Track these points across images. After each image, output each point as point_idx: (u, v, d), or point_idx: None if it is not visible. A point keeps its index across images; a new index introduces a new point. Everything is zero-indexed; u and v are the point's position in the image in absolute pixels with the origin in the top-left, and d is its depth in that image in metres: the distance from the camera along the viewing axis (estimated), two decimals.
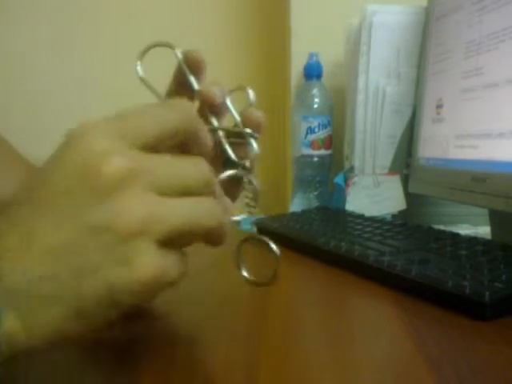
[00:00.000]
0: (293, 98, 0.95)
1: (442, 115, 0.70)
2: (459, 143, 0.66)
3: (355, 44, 0.83)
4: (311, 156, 0.87)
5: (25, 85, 1.10)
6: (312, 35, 0.95)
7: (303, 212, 0.81)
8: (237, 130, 0.34)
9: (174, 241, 0.26)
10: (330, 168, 0.90)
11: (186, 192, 0.27)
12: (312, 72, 0.88)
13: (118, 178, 0.24)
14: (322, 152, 0.87)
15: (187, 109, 0.29)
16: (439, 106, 0.71)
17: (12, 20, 1.08)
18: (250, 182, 0.34)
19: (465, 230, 0.70)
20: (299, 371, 0.32)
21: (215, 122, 0.35)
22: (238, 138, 0.34)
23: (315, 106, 0.87)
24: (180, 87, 0.37)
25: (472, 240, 0.54)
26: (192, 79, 0.36)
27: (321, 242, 0.58)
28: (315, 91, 0.88)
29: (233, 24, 1.12)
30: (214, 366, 0.32)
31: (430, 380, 0.30)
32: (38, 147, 0.84)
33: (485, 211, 0.68)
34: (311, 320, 0.42)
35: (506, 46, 0.58)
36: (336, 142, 0.90)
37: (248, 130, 0.33)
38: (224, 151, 0.34)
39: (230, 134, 0.34)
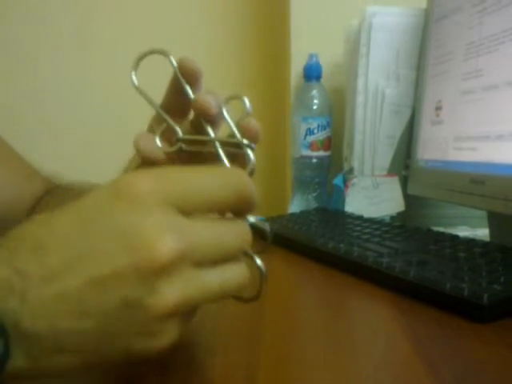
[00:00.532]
0: (292, 98, 0.95)
1: (442, 117, 0.70)
2: (458, 145, 0.66)
3: (355, 45, 0.83)
4: (310, 157, 0.87)
5: (29, 85, 1.10)
6: (312, 36, 0.95)
7: (302, 213, 0.81)
8: (234, 140, 0.33)
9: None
10: (329, 169, 0.90)
11: (223, 259, 0.27)
12: (311, 73, 0.88)
13: (167, 262, 0.23)
14: (321, 153, 0.87)
15: (240, 181, 0.27)
16: (438, 108, 0.71)
17: (16, 20, 1.08)
18: None
19: (463, 232, 0.70)
20: (298, 372, 0.32)
21: (211, 132, 0.35)
22: (234, 148, 0.33)
23: (314, 107, 0.87)
24: (176, 95, 0.37)
25: (470, 242, 0.54)
26: (187, 88, 0.35)
27: (319, 243, 0.58)
28: (315, 92, 0.88)
29: (233, 25, 1.12)
30: (213, 367, 0.32)
31: (428, 381, 0.30)
32: (41, 147, 0.84)
33: (483, 213, 0.68)
34: (310, 321, 0.42)
35: (505, 47, 0.58)
36: (335, 143, 0.90)
37: (245, 141, 0.32)
38: (221, 162, 0.33)
39: (226, 144, 0.34)
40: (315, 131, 0.87)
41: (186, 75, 0.35)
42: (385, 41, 0.80)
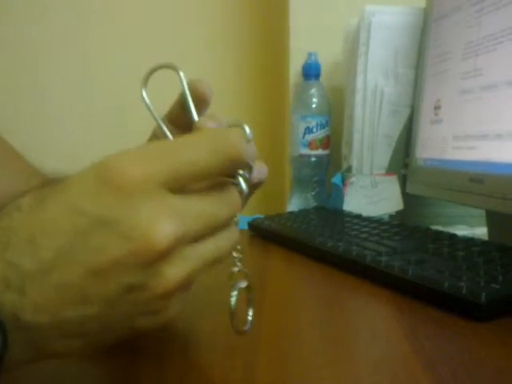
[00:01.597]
0: (291, 97, 0.95)
1: (440, 116, 0.70)
2: (457, 144, 0.66)
3: (354, 44, 0.83)
4: (309, 156, 0.87)
5: (29, 84, 1.10)
6: (311, 35, 0.95)
7: (301, 212, 0.81)
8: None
9: None
10: (328, 168, 0.90)
11: (215, 229, 0.27)
12: (310, 72, 0.88)
13: (165, 247, 0.23)
14: (320, 152, 0.87)
15: (228, 142, 0.26)
16: (437, 107, 0.71)
17: (16, 18, 1.08)
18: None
19: (462, 231, 0.70)
20: (296, 370, 0.32)
21: None
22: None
23: (313, 105, 0.87)
24: (181, 111, 0.36)
25: (469, 241, 0.54)
26: (192, 109, 0.34)
27: (318, 241, 0.58)
28: (313, 91, 0.88)
29: (232, 23, 1.12)
30: (211, 366, 0.32)
31: (426, 380, 0.30)
32: (40, 146, 0.84)
33: (482, 212, 0.68)
34: (308, 320, 0.42)
35: (504, 47, 0.58)
36: (334, 141, 0.90)
37: (240, 172, 0.30)
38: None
39: None
40: (314, 130, 0.87)
41: (195, 96, 0.34)
42: (384, 40, 0.80)
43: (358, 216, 0.72)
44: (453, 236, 0.57)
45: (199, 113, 0.34)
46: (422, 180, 0.74)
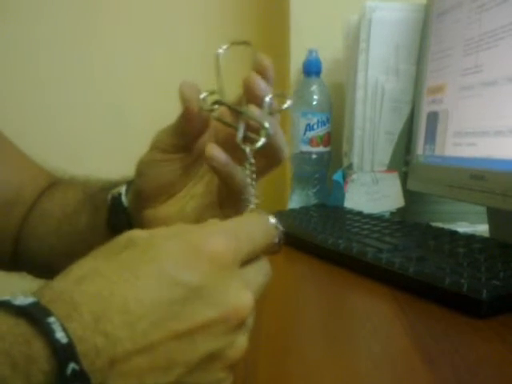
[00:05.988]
0: (292, 94, 0.95)
1: (441, 113, 0.70)
2: (458, 141, 0.66)
3: (354, 40, 0.83)
4: (310, 153, 0.87)
5: (29, 81, 1.10)
6: (311, 31, 0.94)
7: (302, 209, 0.81)
8: (258, 119, 0.35)
9: None
10: (329, 165, 0.90)
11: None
12: (311, 68, 0.88)
13: (247, 315, 0.26)
14: (321, 149, 0.87)
15: (270, 227, 0.31)
16: (438, 104, 0.71)
17: (17, 16, 1.08)
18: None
19: (463, 228, 0.70)
20: (297, 367, 0.32)
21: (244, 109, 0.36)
22: (255, 132, 0.35)
23: (314, 102, 0.87)
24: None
25: (470, 238, 0.54)
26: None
27: (319, 238, 0.58)
28: (314, 88, 0.88)
29: (232, 20, 1.12)
30: None
31: (426, 376, 0.30)
32: (44, 146, 0.84)
33: (483, 209, 0.68)
34: (309, 317, 0.42)
35: (505, 43, 0.58)
36: (335, 138, 0.89)
37: (266, 124, 0.35)
38: (237, 133, 0.36)
39: (249, 127, 0.36)
40: (315, 127, 0.86)
41: (260, 71, 0.38)
42: (385, 36, 0.79)
43: (359, 213, 0.72)
44: (454, 233, 0.57)
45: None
46: (423, 177, 0.74)
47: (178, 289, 0.24)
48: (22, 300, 0.23)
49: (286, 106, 0.38)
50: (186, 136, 0.40)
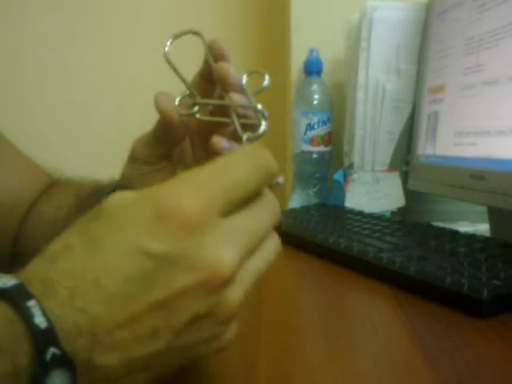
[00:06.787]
0: (293, 93, 0.94)
1: (442, 112, 0.70)
2: (458, 140, 0.66)
3: (355, 40, 0.83)
4: (310, 152, 0.87)
5: (26, 85, 1.10)
6: (312, 31, 0.94)
7: (302, 208, 0.81)
8: (248, 105, 0.35)
9: None
10: (330, 164, 0.89)
11: (262, 242, 0.28)
12: (312, 68, 0.88)
13: (229, 274, 0.24)
14: (322, 148, 0.87)
15: (267, 161, 0.28)
16: (439, 103, 0.71)
17: (14, 19, 1.08)
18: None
19: (464, 228, 0.70)
20: (297, 367, 0.32)
21: (228, 100, 0.36)
22: (246, 119, 0.35)
23: (315, 102, 0.87)
24: (203, 78, 0.39)
25: (471, 237, 0.54)
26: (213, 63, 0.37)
27: (320, 238, 0.58)
28: (315, 87, 0.88)
29: (233, 19, 1.12)
30: (212, 363, 0.32)
31: (427, 375, 0.30)
32: (44, 146, 0.84)
33: (484, 208, 0.68)
34: (309, 316, 0.42)
35: (506, 42, 0.57)
36: (336, 138, 0.89)
37: (259, 107, 0.34)
38: (235, 128, 0.35)
39: (240, 115, 0.36)
40: (316, 126, 0.86)
41: (215, 54, 0.38)
42: (385, 35, 0.79)
43: (360, 212, 0.72)
44: (454, 232, 0.57)
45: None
46: (424, 176, 0.74)
47: (146, 259, 0.23)
48: (4, 282, 0.23)
49: (266, 82, 0.37)
50: (167, 145, 0.39)
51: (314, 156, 0.88)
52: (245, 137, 0.34)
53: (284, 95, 1.04)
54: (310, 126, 0.86)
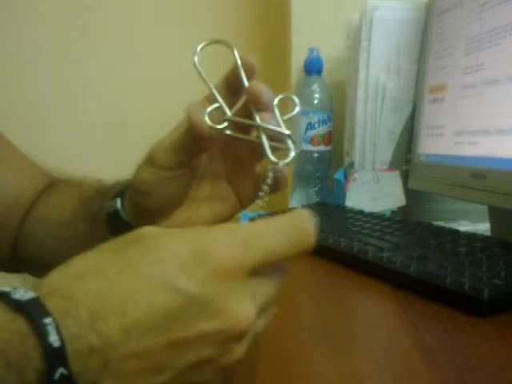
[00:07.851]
0: (293, 92, 0.94)
1: (442, 111, 0.70)
2: (459, 139, 0.66)
3: (356, 39, 0.83)
4: (311, 152, 0.87)
5: (26, 85, 1.10)
6: (312, 30, 0.94)
7: (303, 207, 0.81)
8: (278, 129, 0.35)
9: None
10: (330, 164, 0.90)
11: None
12: (312, 67, 0.88)
13: (246, 328, 0.26)
14: (322, 148, 0.87)
15: (309, 241, 0.30)
16: (439, 102, 0.71)
17: (14, 21, 1.08)
18: (275, 179, 0.37)
19: (464, 227, 0.70)
20: (297, 367, 0.32)
21: (258, 120, 0.36)
22: (275, 141, 0.35)
23: (315, 101, 0.87)
24: (228, 87, 0.39)
25: (471, 237, 0.54)
26: (243, 77, 0.37)
27: (320, 237, 0.58)
28: (315, 86, 0.88)
29: (233, 19, 1.12)
30: None
31: (427, 374, 0.30)
32: (42, 146, 0.84)
33: (484, 208, 0.68)
34: (310, 315, 0.42)
35: (507, 42, 0.57)
36: (336, 137, 0.89)
37: (287, 132, 0.34)
38: (263, 150, 0.35)
39: (270, 137, 0.36)
40: (316, 126, 0.86)
41: (245, 67, 0.38)
42: (386, 35, 0.79)
43: (360, 212, 0.72)
44: (455, 232, 0.57)
45: (248, 80, 0.37)
46: (424, 176, 0.74)
47: (176, 296, 0.24)
48: (21, 294, 0.23)
49: (296, 110, 0.38)
50: (192, 154, 0.39)
51: (315, 155, 0.88)
52: (281, 163, 0.35)
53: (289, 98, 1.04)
54: (310, 126, 0.86)
